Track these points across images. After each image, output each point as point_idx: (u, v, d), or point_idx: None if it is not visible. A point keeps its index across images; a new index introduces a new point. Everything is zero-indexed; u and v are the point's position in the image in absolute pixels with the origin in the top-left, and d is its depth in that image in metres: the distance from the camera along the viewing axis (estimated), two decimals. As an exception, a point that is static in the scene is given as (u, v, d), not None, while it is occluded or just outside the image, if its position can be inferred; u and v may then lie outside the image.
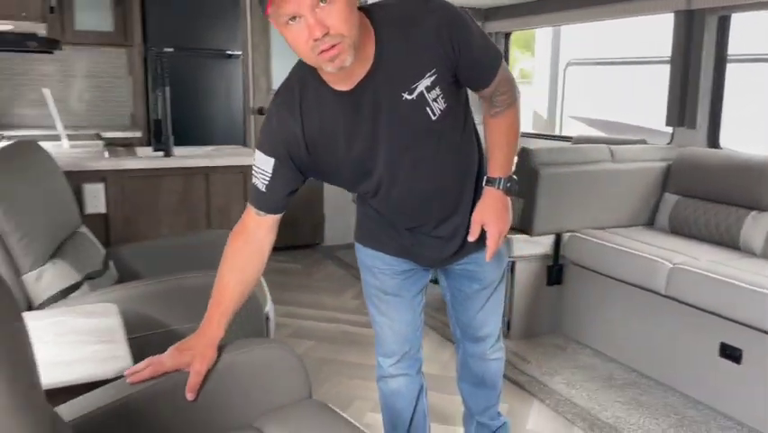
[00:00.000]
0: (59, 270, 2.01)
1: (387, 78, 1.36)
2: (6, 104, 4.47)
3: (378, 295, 1.77)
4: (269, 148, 1.43)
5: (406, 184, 1.51)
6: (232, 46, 4.44)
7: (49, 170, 2.27)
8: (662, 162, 3.29)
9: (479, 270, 1.73)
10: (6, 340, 0.83)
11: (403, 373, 1.84)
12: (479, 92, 1.53)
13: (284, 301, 3.73)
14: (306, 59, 1.27)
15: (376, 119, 1.39)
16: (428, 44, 1.35)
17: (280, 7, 1.18)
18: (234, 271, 1.48)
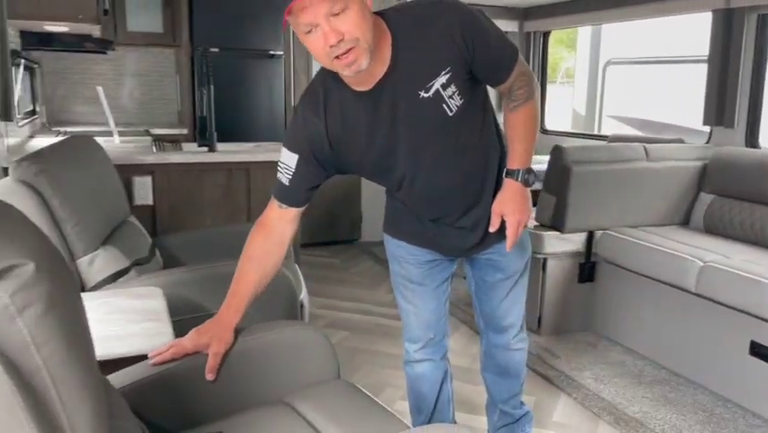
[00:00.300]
0: (110, 255, 2.16)
1: (403, 77, 1.44)
2: (63, 102, 4.71)
3: (404, 283, 1.85)
4: (294, 145, 1.54)
5: (427, 179, 1.58)
6: (274, 46, 4.58)
7: (102, 164, 2.42)
8: (698, 162, 3.28)
9: (502, 259, 1.80)
10: (71, 311, 0.94)
11: (427, 359, 1.91)
12: (496, 87, 1.60)
13: (321, 294, 3.85)
14: (325, 64, 1.37)
15: (394, 117, 1.48)
16: (442, 43, 1.42)
17: (298, 18, 1.28)
18: (254, 260, 1.58)
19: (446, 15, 1.42)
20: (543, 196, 3.21)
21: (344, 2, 1.27)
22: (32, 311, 0.81)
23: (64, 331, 0.87)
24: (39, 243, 0.92)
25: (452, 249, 1.78)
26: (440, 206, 1.67)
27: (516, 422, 2.06)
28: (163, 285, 1.95)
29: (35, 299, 0.81)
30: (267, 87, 4.64)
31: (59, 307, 0.87)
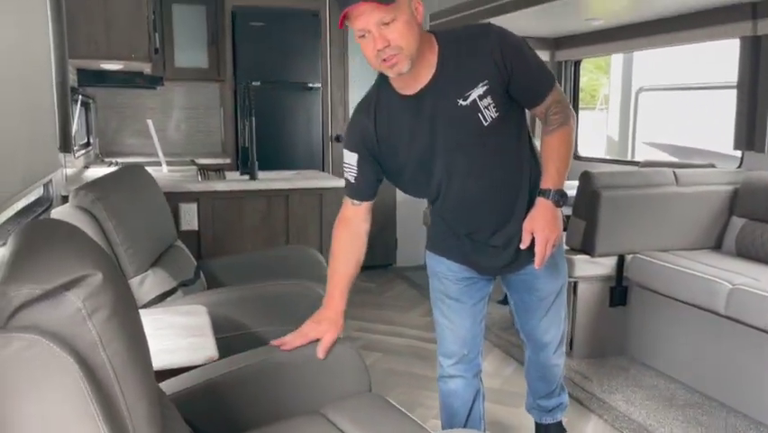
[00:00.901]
0: (159, 277, 2.31)
1: (445, 86, 1.62)
2: (115, 134, 4.99)
3: (441, 299, 1.96)
4: (352, 145, 1.75)
5: (460, 186, 1.73)
6: (312, 79, 4.78)
7: (152, 191, 2.60)
8: (730, 186, 3.30)
9: (536, 281, 1.91)
10: (130, 318, 1.08)
11: (460, 375, 2.00)
12: (532, 110, 1.74)
13: (357, 317, 3.95)
14: (373, 65, 1.58)
15: (434, 120, 1.65)
16: (482, 60, 1.60)
17: (352, 24, 1.51)
18: (342, 254, 1.80)
19: (491, 37, 1.62)
20: (573, 220, 3.27)
21: (394, 14, 1.47)
22: (99, 315, 0.94)
23: (125, 334, 1.00)
24: (104, 257, 1.06)
25: (487, 267, 1.89)
26: (472, 217, 1.80)
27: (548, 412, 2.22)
28: (207, 304, 2.09)
29: (102, 304, 0.95)
30: (305, 118, 4.83)
31: (121, 313, 1.00)
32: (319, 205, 3.31)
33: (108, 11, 2.84)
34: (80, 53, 2.82)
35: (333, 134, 5.02)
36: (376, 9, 1.46)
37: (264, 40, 4.63)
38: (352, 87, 5.05)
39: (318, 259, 2.87)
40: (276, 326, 2.27)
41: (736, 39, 3.41)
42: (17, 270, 0.94)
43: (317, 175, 3.67)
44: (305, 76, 4.77)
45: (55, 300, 0.90)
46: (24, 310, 0.89)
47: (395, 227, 5.31)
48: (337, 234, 1.82)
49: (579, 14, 3.86)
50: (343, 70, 5.02)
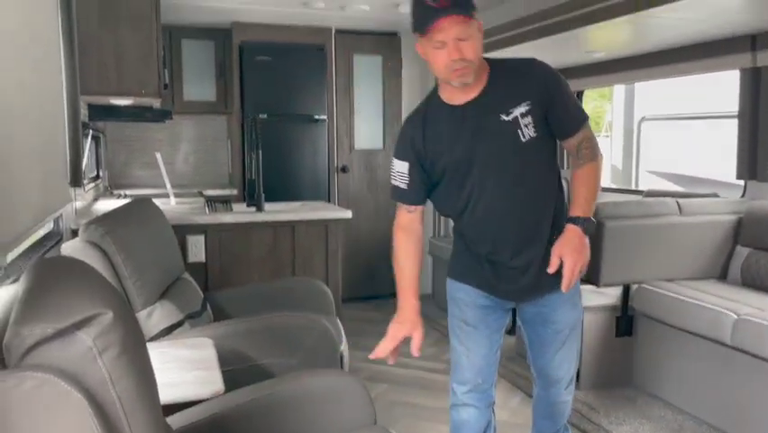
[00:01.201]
0: (166, 309, 2.34)
1: (491, 101, 1.80)
2: (123, 167, 5.06)
3: (459, 325, 2.03)
4: (402, 154, 1.90)
5: (489, 201, 1.84)
6: (318, 111, 4.85)
7: (160, 224, 2.64)
8: (733, 215, 3.31)
9: (553, 313, 1.96)
10: (140, 355, 1.10)
11: (473, 405, 2.03)
12: (564, 142, 1.89)
13: (362, 347, 3.94)
14: (440, 73, 1.76)
15: (476, 132, 1.81)
16: (528, 84, 1.79)
17: (433, 36, 1.69)
18: (408, 258, 1.97)
19: (537, 67, 1.83)
20: (577, 250, 3.28)
21: (469, 32, 1.70)
22: (110, 352, 0.97)
23: (134, 371, 1.02)
24: (114, 295, 1.09)
25: (506, 291, 1.95)
26: (496, 235, 1.88)
27: None
28: (213, 337, 2.11)
29: (112, 342, 0.97)
30: (311, 149, 4.88)
31: (131, 350, 1.02)
32: (325, 236, 3.34)
33: (119, 48, 2.92)
34: (92, 89, 2.88)
35: (338, 165, 5.08)
36: (456, 24, 1.67)
37: (271, 73, 4.71)
38: (358, 118, 5.13)
39: (324, 290, 2.89)
40: (282, 358, 2.29)
41: (736, 70, 3.46)
42: (30, 309, 0.97)
43: (323, 206, 3.71)
44: (311, 108, 4.84)
45: (67, 339, 0.93)
46: (37, 349, 0.92)
47: (400, 257, 5.32)
48: (399, 241, 1.99)
49: (580, 47, 3.92)
50: (349, 102, 5.10)
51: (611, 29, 3.29)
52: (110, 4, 2.86)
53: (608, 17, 3.03)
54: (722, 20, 3.04)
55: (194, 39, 4.82)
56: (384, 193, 5.24)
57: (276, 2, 4.10)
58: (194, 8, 4.25)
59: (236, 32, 4.68)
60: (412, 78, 5.23)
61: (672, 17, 2.98)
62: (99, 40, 2.87)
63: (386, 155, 5.23)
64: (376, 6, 4.24)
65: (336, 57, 4.98)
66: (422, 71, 5.22)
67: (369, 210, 5.21)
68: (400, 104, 5.23)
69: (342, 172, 5.11)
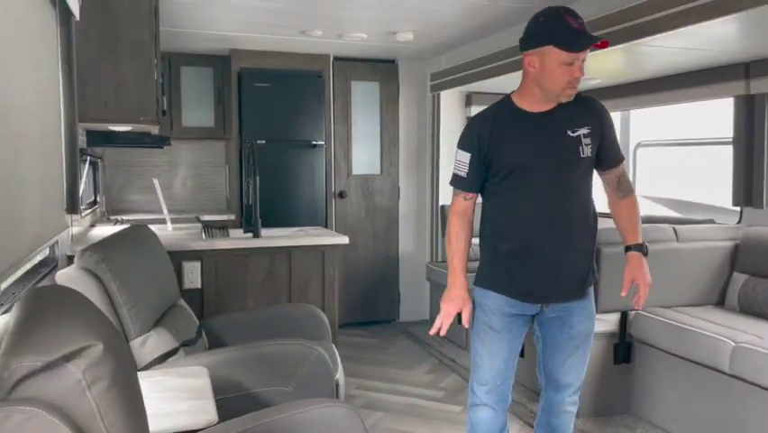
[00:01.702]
0: (161, 337, 2.32)
1: (562, 116, 2.08)
2: (121, 192, 5.07)
3: (484, 330, 2.18)
4: (468, 145, 2.14)
5: (540, 201, 2.07)
6: (316, 136, 4.88)
7: (156, 250, 2.63)
8: (730, 242, 3.31)
9: (570, 318, 2.16)
10: (130, 387, 1.09)
11: (491, 406, 2.19)
12: (606, 173, 2.19)
13: (358, 374, 3.92)
14: (557, 86, 2.02)
15: (545, 137, 2.08)
16: (591, 114, 2.12)
17: (570, 55, 1.96)
18: (462, 239, 2.18)
19: (598, 103, 2.18)
20: (574, 277, 3.27)
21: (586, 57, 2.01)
22: (99, 385, 0.96)
23: (123, 404, 1.01)
24: (105, 326, 1.08)
25: (537, 295, 2.13)
26: (539, 234, 2.08)
27: None
28: (208, 365, 2.09)
29: (102, 375, 0.97)
30: (309, 175, 4.90)
31: (121, 382, 1.02)
32: (322, 262, 3.33)
33: (118, 75, 2.93)
34: (90, 116, 2.89)
35: (336, 191, 5.09)
36: (589, 49, 1.99)
37: (269, 99, 4.75)
38: (355, 144, 5.16)
39: (320, 316, 2.88)
40: (277, 386, 2.27)
41: (730, 98, 3.49)
42: (20, 341, 0.97)
43: (320, 232, 3.70)
44: (309, 134, 4.87)
45: (55, 372, 0.92)
46: (26, 382, 0.91)
47: (398, 282, 5.32)
48: (454, 225, 2.19)
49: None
50: (347, 128, 5.13)
51: (607, 56, 3.33)
52: (110, 33, 2.88)
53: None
54: (716, 49, 3.08)
55: (193, 66, 4.87)
56: (381, 218, 5.25)
57: (274, 30, 4.15)
58: (193, 36, 4.29)
59: (235, 58, 4.72)
60: (409, 104, 5.27)
61: (666, 46, 3.02)
62: (98, 67, 2.89)
63: (383, 180, 5.24)
64: (373, 35, 4.29)
65: (334, 83, 5.02)
66: (419, 98, 5.27)
67: (366, 236, 5.21)
68: (398, 130, 5.26)
69: (340, 198, 5.12)
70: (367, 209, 5.22)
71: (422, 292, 5.24)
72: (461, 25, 4.00)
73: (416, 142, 5.30)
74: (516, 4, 3.48)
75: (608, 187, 2.21)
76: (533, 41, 2.02)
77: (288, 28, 4.10)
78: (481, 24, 3.96)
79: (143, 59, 2.93)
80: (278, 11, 3.67)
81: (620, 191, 2.19)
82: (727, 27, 2.66)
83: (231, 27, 4.09)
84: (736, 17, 2.46)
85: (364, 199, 5.21)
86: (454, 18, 3.81)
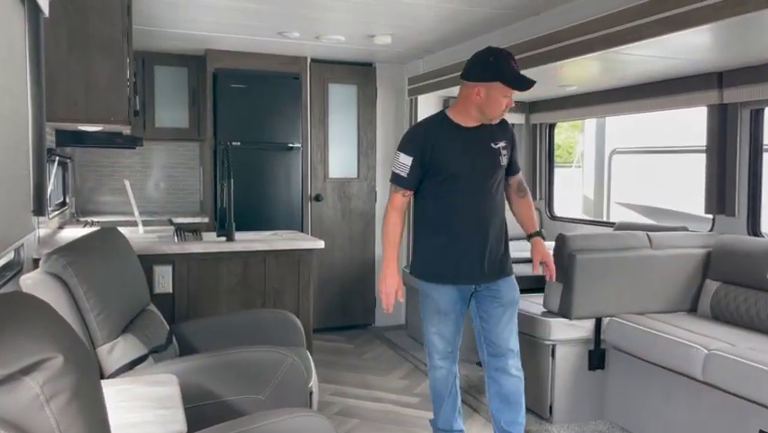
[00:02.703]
0: (129, 344, 2.25)
1: (486, 132, 2.63)
2: (91, 193, 4.96)
3: (432, 316, 2.69)
4: (410, 150, 2.59)
5: (470, 198, 2.59)
6: (292, 139, 4.83)
7: (126, 254, 2.57)
8: (703, 249, 3.35)
9: (499, 291, 2.68)
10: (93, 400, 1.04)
11: (446, 367, 2.73)
12: (510, 177, 2.78)
13: (333, 380, 3.88)
14: (495, 111, 2.54)
15: (475, 148, 2.60)
16: (505, 134, 2.69)
17: (511, 90, 2.50)
18: (397, 231, 2.64)
19: (510, 127, 2.75)
20: (549, 283, 3.28)
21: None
22: (58, 400, 0.91)
23: (85, 419, 0.97)
24: (67, 337, 1.03)
25: (468, 275, 2.63)
26: (468, 223, 2.61)
27: None
28: (178, 372, 2.03)
29: (62, 388, 0.92)
30: (285, 178, 4.85)
31: (83, 396, 0.97)
32: (297, 266, 3.29)
33: (89, 74, 2.86)
34: (59, 116, 2.82)
35: (312, 194, 5.05)
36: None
37: (245, 101, 4.69)
38: (332, 146, 5.12)
39: (294, 322, 2.83)
40: (250, 394, 2.22)
41: (703, 107, 3.53)
42: (-25, 353, 0.91)
43: (296, 236, 3.66)
44: (285, 136, 4.82)
45: (12, 386, 0.88)
46: (-21, 398, 0.86)
47: (374, 287, 5.29)
48: (393, 217, 2.64)
49: (553, 81, 3.97)
50: (323, 131, 5.09)
51: (583, 64, 3.34)
52: (80, 30, 2.81)
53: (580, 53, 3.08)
54: (690, 58, 3.11)
55: (167, 65, 4.79)
56: (358, 222, 5.22)
57: (251, 31, 4.10)
58: (167, 35, 4.22)
59: (210, 59, 4.66)
60: (387, 107, 5.25)
61: (641, 54, 3.04)
62: (68, 66, 2.82)
63: (360, 184, 5.21)
64: (351, 37, 4.27)
65: (311, 85, 4.98)
66: (396, 101, 5.25)
67: (342, 240, 5.17)
68: (375, 133, 5.24)
69: (316, 201, 5.08)
70: (343, 213, 5.19)
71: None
72: (439, 30, 3.99)
73: (394, 145, 5.26)
74: (492, 10, 3.48)
75: (511, 188, 2.82)
76: (484, 75, 2.50)
77: (265, 29, 4.05)
78: (458, 30, 3.96)
79: (115, 57, 2.87)
80: (254, 12, 3.63)
81: (520, 192, 2.82)
82: (701, 37, 2.69)
83: (206, 27, 4.03)
84: (710, 27, 2.48)
85: (341, 203, 5.17)
86: (431, 23, 3.81)
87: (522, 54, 3.52)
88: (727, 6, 2.32)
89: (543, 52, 3.34)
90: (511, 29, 3.76)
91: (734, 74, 3.29)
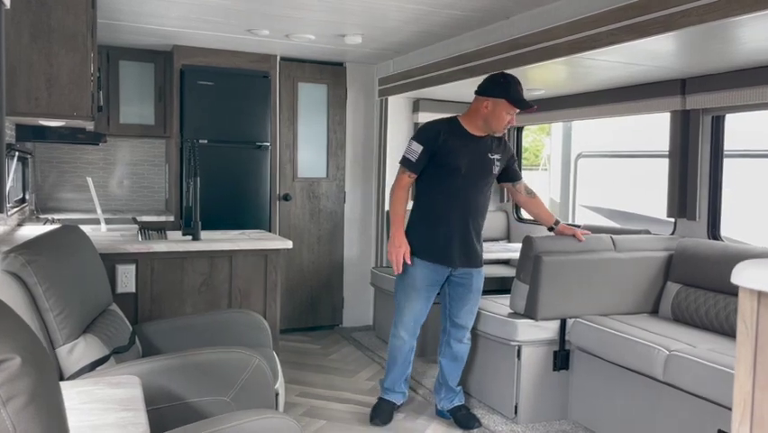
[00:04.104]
0: (90, 344, 2.20)
1: (488, 143, 3.13)
2: (52, 189, 4.84)
3: (409, 289, 3.13)
4: (423, 140, 3.07)
5: (466, 193, 3.06)
6: (261, 137, 4.78)
7: (87, 253, 2.51)
8: (664, 252, 3.42)
9: (470, 278, 3.16)
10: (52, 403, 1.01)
11: (407, 339, 3.20)
12: (516, 183, 3.34)
13: (300, 381, 3.85)
14: (499, 125, 3.04)
15: (476, 154, 3.09)
16: (503, 148, 3.21)
17: (514, 109, 3.00)
18: (402, 205, 3.09)
19: (508, 144, 3.29)
20: (516, 284, 3.32)
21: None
22: (15, 403, 0.88)
23: (44, 422, 0.94)
24: (25, 337, 1.00)
25: (455, 258, 3.08)
26: (460, 214, 3.07)
27: (456, 394, 3.30)
28: (141, 374, 1.99)
29: (19, 391, 0.89)
30: (253, 177, 4.80)
31: (41, 398, 0.94)
32: (264, 266, 3.25)
33: (51, 67, 2.78)
34: (20, 110, 2.73)
35: (280, 193, 5.01)
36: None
37: (213, 98, 4.63)
38: (301, 146, 5.09)
39: (261, 323, 2.80)
40: (214, 396, 2.19)
41: (667, 112, 3.61)
42: (-74, 354, 0.88)
43: (263, 235, 3.62)
44: (253, 135, 4.77)
45: (-35, 389, 0.84)
46: (-70, 401, 0.83)
47: (341, 287, 5.27)
48: (400, 194, 3.10)
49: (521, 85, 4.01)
50: (293, 130, 5.06)
51: (550, 69, 3.38)
52: (42, 23, 2.73)
53: (547, 58, 3.12)
54: (653, 64, 3.18)
55: (133, 60, 4.70)
56: (326, 223, 5.19)
57: (219, 27, 4.04)
58: (133, 29, 4.14)
59: (177, 55, 4.58)
60: (357, 108, 5.24)
61: (606, 60, 3.09)
62: (29, 59, 2.73)
63: (329, 184, 5.19)
64: (321, 36, 4.25)
65: (281, 84, 4.95)
66: (367, 102, 5.25)
67: (311, 240, 5.15)
68: (345, 133, 5.22)
69: (285, 201, 5.04)
70: (312, 213, 5.16)
71: (366, 298, 5.21)
72: (407, 31, 4.00)
73: (363, 146, 5.28)
74: (461, 13, 3.50)
75: (519, 194, 3.33)
76: (493, 92, 3.00)
77: (234, 26, 4.00)
78: (426, 31, 3.97)
79: (78, 51, 2.79)
80: (222, 8, 3.58)
81: (528, 193, 3.33)
82: (664, 44, 2.75)
83: (173, 22, 3.96)
84: (673, 35, 2.54)
85: (309, 203, 5.14)
86: (400, 23, 3.81)
87: (491, 58, 3.55)
88: (692, 15, 2.37)
89: (511, 56, 3.38)
90: (480, 32, 3.78)
91: (697, 81, 3.37)
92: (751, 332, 1.13)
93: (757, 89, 3.07)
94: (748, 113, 3.48)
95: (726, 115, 3.44)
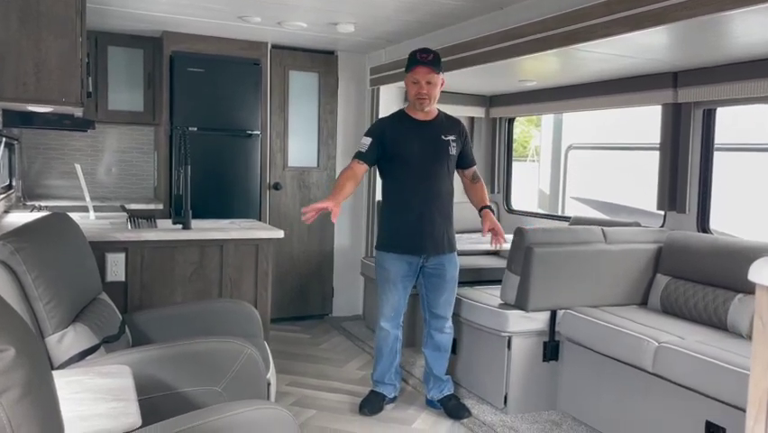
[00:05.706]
0: (80, 333, 2.18)
1: (438, 125, 3.17)
2: (39, 176, 4.78)
3: (384, 284, 3.20)
4: (372, 134, 3.13)
5: (423, 180, 3.09)
6: (252, 126, 4.75)
7: (77, 241, 2.48)
8: (654, 244, 3.44)
9: (443, 268, 3.18)
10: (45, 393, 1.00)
11: (390, 329, 3.26)
12: (466, 170, 3.31)
13: (290, 371, 3.85)
14: (411, 97, 3.10)
15: (428, 139, 3.12)
16: (456, 129, 3.22)
17: (413, 75, 3.05)
18: (346, 182, 3.01)
19: (462, 124, 3.30)
20: (507, 275, 3.33)
21: (434, 80, 3.05)
22: (10, 394, 0.87)
23: (38, 413, 0.93)
24: (19, 328, 0.99)
25: (420, 246, 3.11)
26: (421, 200, 3.08)
27: (444, 384, 3.32)
28: (131, 363, 1.98)
29: (13, 383, 0.88)
30: (243, 165, 4.77)
31: (35, 390, 0.93)
32: (255, 256, 3.24)
33: (40, 53, 2.73)
34: (7, 96, 2.68)
35: (271, 182, 4.98)
36: (428, 73, 3.02)
37: (203, 85, 4.58)
38: (292, 135, 5.06)
39: (251, 312, 2.79)
40: (206, 385, 2.18)
41: (658, 105, 3.62)
42: None
43: (254, 225, 3.60)
44: (244, 123, 4.73)
45: (-41, 381, 0.83)
46: (-77, 393, 0.81)
47: (332, 277, 5.26)
48: (347, 177, 3.03)
49: (513, 76, 4.01)
50: (283, 119, 5.02)
51: (542, 60, 3.38)
52: (31, 7, 2.68)
53: (539, 49, 3.11)
54: (646, 57, 3.18)
55: (122, 46, 4.64)
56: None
57: (210, 14, 3.99)
58: (122, 14, 4.08)
59: (167, 41, 4.53)
60: (348, 97, 5.21)
61: (599, 52, 3.09)
62: (18, 44, 2.69)
63: (320, 174, 5.17)
64: (314, 24, 4.21)
65: (272, 72, 4.90)
66: (358, 91, 5.22)
67: (301, 229, 5.13)
68: (336, 122, 5.19)
69: (275, 190, 5.01)
70: (302, 202, 5.12)
71: (356, 287, 5.21)
72: (400, 20, 3.97)
73: (355, 135, 5.24)
74: (455, 3, 3.48)
75: (466, 178, 3.33)
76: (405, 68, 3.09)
77: (225, 13, 3.96)
78: (419, 21, 3.95)
79: (67, 36, 2.75)
80: (214, -6, 3.54)
81: (474, 180, 3.33)
82: (657, 37, 2.75)
83: (163, 8, 3.91)
84: (666, 28, 2.54)
85: (300, 192, 5.12)
86: (393, 12, 3.78)
87: (484, 48, 3.54)
88: (685, 8, 2.37)
89: (504, 47, 3.37)
90: (473, 22, 3.77)
91: (689, 74, 3.38)
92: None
93: (749, 83, 3.08)
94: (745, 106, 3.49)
95: (718, 108, 3.45)
